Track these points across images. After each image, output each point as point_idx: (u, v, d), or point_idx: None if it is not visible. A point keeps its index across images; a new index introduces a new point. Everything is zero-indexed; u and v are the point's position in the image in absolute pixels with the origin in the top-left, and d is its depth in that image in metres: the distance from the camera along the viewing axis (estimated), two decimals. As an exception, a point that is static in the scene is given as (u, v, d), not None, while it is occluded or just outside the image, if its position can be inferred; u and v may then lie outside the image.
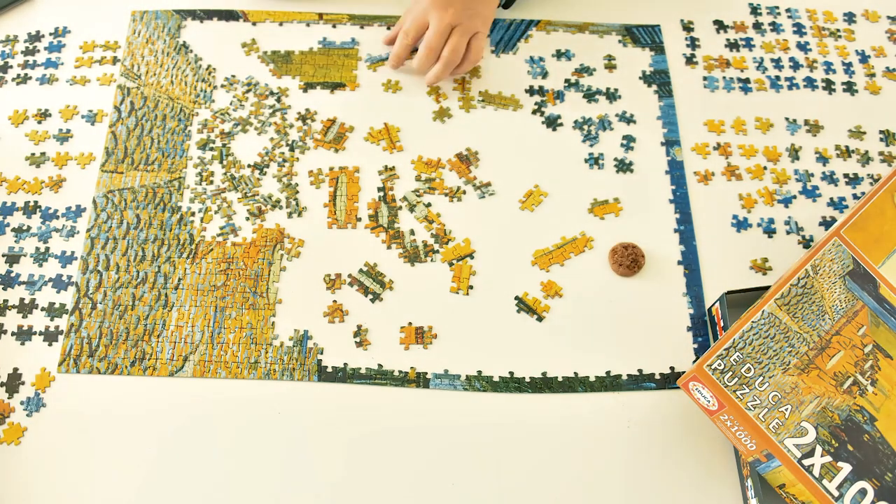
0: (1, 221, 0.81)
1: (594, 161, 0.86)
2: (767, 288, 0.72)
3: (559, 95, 0.90)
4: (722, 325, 0.73)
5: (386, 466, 0.70)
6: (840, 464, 0.62)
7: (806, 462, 0.62)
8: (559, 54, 0.92)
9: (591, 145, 0.87)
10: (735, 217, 0.83)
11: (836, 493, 0.61)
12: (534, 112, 0.89)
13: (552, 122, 0.88)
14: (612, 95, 0.90)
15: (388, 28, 0.94)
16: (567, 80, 0.91)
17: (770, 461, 0.63)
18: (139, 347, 0.75)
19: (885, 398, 0.65)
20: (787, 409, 0.63)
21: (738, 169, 0.86)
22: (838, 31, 0.96)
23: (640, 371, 0.75)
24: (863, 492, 0.61)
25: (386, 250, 0.81)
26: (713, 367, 0.64)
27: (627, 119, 0.89)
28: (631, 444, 0.72)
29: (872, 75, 0.93)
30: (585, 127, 0.88)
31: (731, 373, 0.63)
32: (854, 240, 0.70)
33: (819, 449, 0.62)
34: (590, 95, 0.90)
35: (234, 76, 0.90)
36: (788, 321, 0.66)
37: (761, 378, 0.63)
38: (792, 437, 0.62)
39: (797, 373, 0.64)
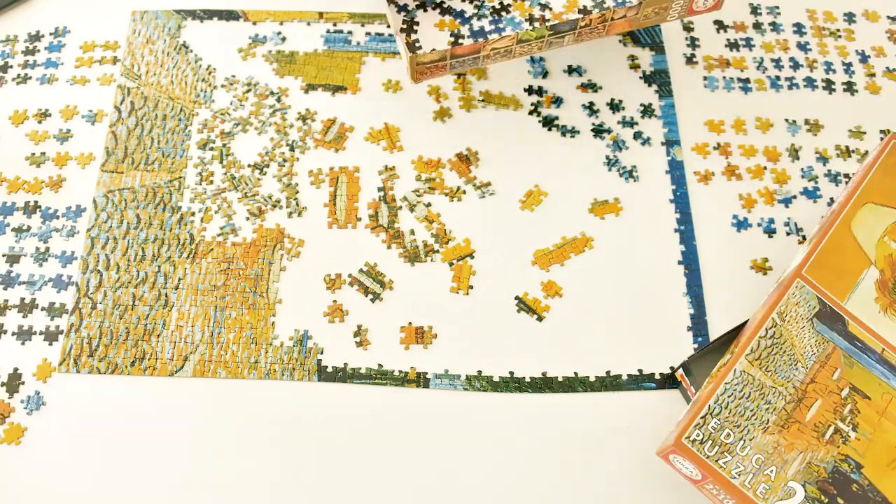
0: (1, 221, 0.81)
1: (594, 161, 0.86)
2: (730, 335, 0.71)
3: (557, 100, 0.90)
4: (692, 389, 0.72)
5: (386, 466, 0.70)
6: None
7: None
8: (570, 70, 0.91)
9: (592, 145, 0.87)
10: (735, 217, 0.83)
11: None
12: (532, 112, 0.89)
13: (550, 122, 0.88)
14: (611, 95, 0.90)
15: (389, 27, 0.94)
16: (566, 75, 0.91)
17: None
18: (139, 347, 0.75)
19: (868, 442, 0.63)
20: (772, 472, 0.61)
21: (738, 169, 0.86)
22: (838, 30, 0.96)
23: (640, 371, 0.75)
24: None
25: (386, 250, 0.81)
26: (692, 438, 0.62)
27: (627, 119, 0.89)
28: (631, 444, 0.72)
29: (872, 75, 0.93)
30: (585, 127, 0.88)
31: (710, 441, 0.62)
32: (816, 279, 0.69)
33: None
34: (589, 95, 0.90)
35: (234, 76, 0.90)
36: (762, 377, 0.64)
37: (742, 442, 0.62)
38: (780, 500, 0.61)
39: (777, 430, 0.63)
